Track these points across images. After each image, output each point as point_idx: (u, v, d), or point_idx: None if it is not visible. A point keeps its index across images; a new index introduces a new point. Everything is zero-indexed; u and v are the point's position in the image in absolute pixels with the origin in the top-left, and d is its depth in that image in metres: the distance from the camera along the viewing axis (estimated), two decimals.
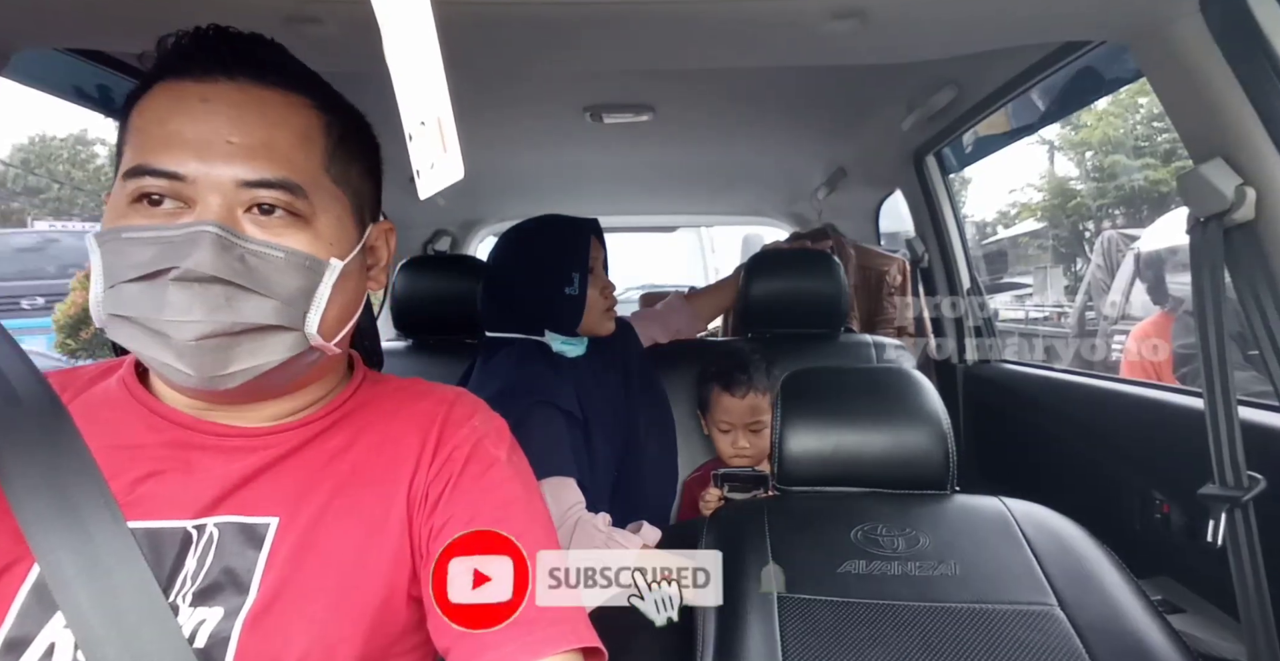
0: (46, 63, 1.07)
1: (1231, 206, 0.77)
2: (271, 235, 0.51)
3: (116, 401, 0.58)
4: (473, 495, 0.58)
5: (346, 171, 0.57)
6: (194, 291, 0.48)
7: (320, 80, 0.59)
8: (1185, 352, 1.99)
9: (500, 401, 1.13)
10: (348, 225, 0.57)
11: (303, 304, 0.52)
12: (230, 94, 0.52)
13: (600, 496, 1.17)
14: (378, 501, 0.56)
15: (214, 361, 0.50)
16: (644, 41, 0.95)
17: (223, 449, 0.56)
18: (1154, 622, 0.71)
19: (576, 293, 1.19)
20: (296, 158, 0.53)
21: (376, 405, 0.63)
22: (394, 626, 0.55)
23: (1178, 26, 0.80)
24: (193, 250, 0.48)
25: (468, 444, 0.60)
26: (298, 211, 0.52)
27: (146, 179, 0.50)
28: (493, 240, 2.95)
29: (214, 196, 0.50)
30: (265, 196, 0.51)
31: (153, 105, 0.52)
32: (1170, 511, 1.10)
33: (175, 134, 0.50)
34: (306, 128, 0.54)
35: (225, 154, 0.50)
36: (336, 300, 0.55)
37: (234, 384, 0.51)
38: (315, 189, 0.53)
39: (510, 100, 1.52)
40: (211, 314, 0.49)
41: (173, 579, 0.51)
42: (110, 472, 0.51)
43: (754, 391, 1.36)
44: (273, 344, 0.52)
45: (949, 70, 1.36)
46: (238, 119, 0.51)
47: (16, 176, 17.36)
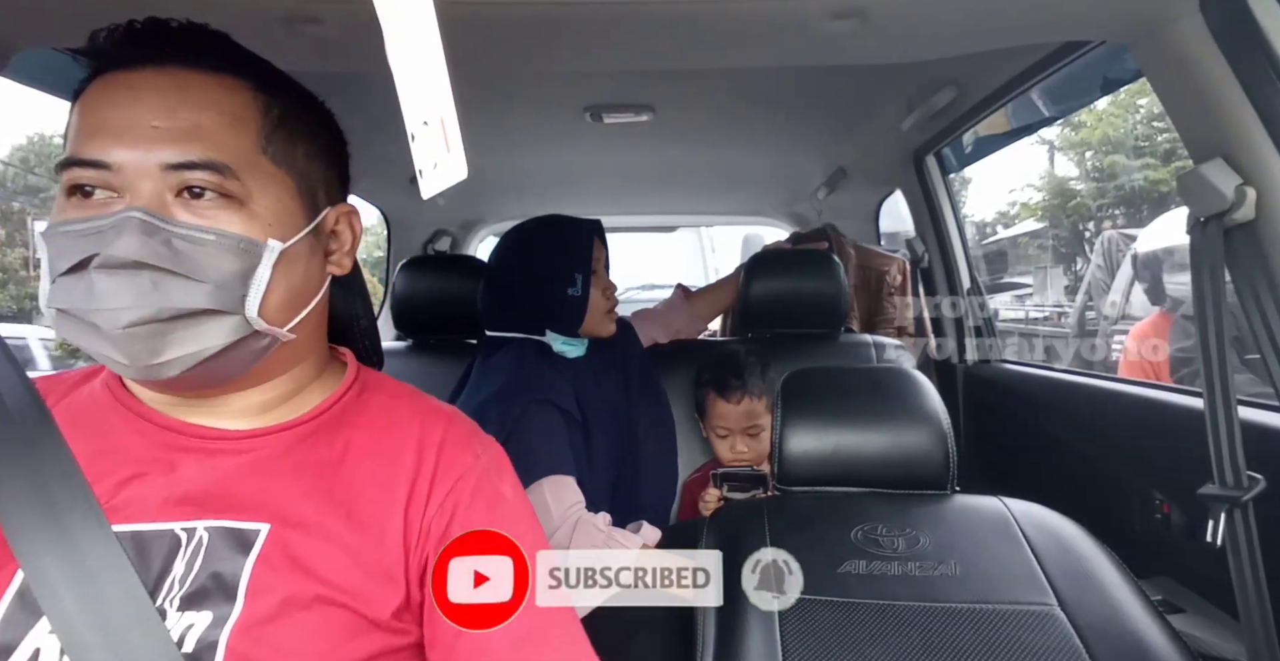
0: (46, 63, 1.07)
1: (1231, 206, 0.77)
2: (201, 218, 0.50)
3: (100, 405, 0.58)
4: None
5: (289, 152, 0.55)
6: (120, 278, 0.48)
7: (263, 64, 0.58)
8: (1183, 356, 1.99)
9: (499, 400, 1.14)
10: (291, 206, 0.55)
11: (239, 287, 0.51)
12: (156, 80, 0.51)
13: (600, 497, 1.17)
14: (370, 516, 0.56)
15: (147, 349, 0.49)
16: (644, 41, 0.95)
17: (206, 450, 0.55)
18: (1154, 622, 0.71)
19: (579, 293, 1.19)
20: (226, 139, 0.52)
21: (370, 415, 0.62)
22: (380, 641, 0.55)
23: (1178, 26, 0.80)
24: (116, 237, 0.48)
25: (472, 475, 0.60)
26: (229, 192, 0.51)
27: (75, 170, 0.50)
28: (493, 240, 2.95)
29: (142, 182, 0.49)
30: (193, 178, 0.50)
31: (85, 98, 0.52)
32: (1170, 511, 1.10)
33: (101, 123, 0.50)
34: (239, 108, 0.53)
35: (150, 138, 0.49)
36: (280, 283, 0.53)
37: (173, 372, 0.50)
38: (249, 169, 0.52)
39: (510, 100, 1.52)
40: (138, 299, 0.48)
41: (160, 582, 0.50)
42: (94, 476, 0.51)
43: (749, 396, 1.35)
44: (209, 329, 0.51)
45: (949, 70, 1.36)
46: (162, 104, 0.50)
47: (16, 175, 17.36)
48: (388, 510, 0.56)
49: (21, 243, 15.63)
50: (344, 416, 0.61)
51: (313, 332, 0.61)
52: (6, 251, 15.69)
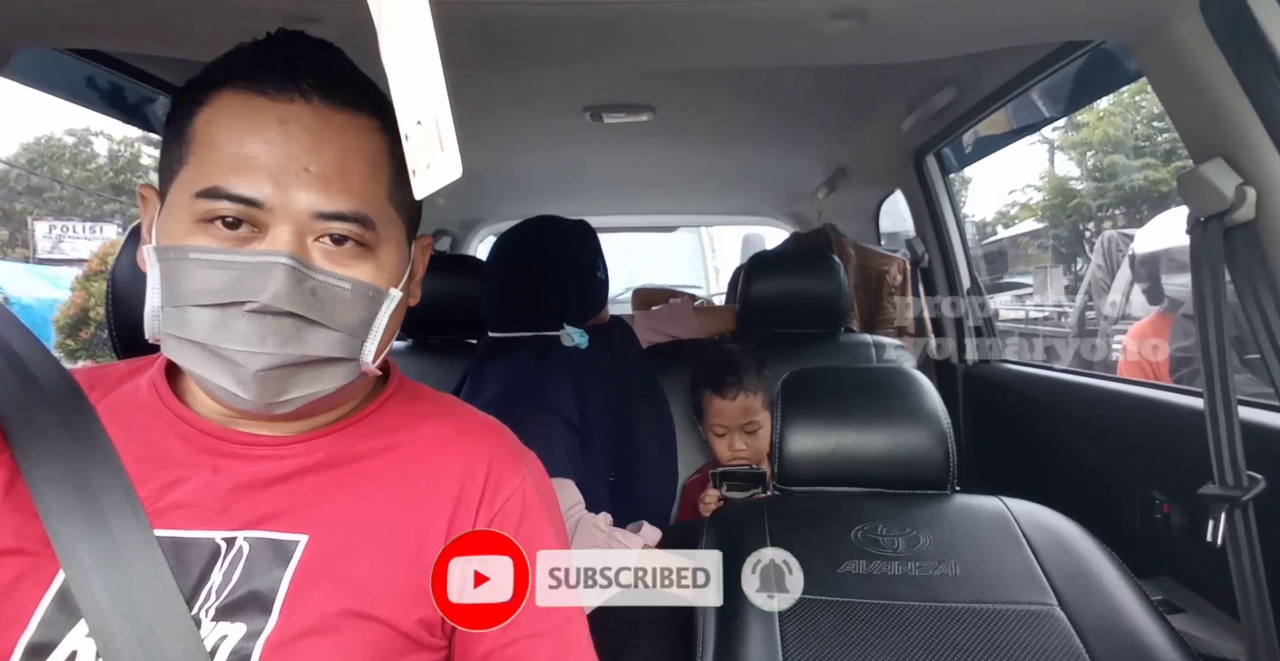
0: (46, 63, 1.07)
1: (1231, 206, 0.77)
2: (340, 267, 0.51)
3: (145, 405, 0.57)
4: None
5: (404, 196, 0.55)
6: (265, 323, 0.49)
7: (380, 94, 0.56)
8: (1182, 355, 1.99)
9: (500, 404, 1.14)
10: (402, 251, 0.56)
11: (362, 334, 0.53)
12: (305, 117, 0.51)
13: (600, 497, 1.17)
14: (412, 531, 0.55)
15: (274, 389, 0.50)
16: (644, 41, 0.95)
17: (251, 457, 0.55)
18: (1154, 622, 0.71)
19: (604, 276, 1.35)
20: (367, 187, 0.52)
21: (411, 424, 0.61)
22: (412, 656, 0.55)
23: (1178, 26, 0.80)
24: (267, 283, 0.48)
25: (519, 496, 0.60)
26: (366, 243, 0.52)
27: (223, 203, 0.49)
28: (492, 240, 2.95)
29: (287, 224, 0.49)
30: (338, 228, 0.51)
31: (223, 119, 0.50)
32: (1170, 511, 1.10)
33: (253, 158, 0.49)
34: (375, 153, 0.53)
35: (302, 183, 0.49)
36: (391, 327, 0.55)
37: (289, 409, 0.52)
38: (381, 219, 0.53)
39: (510, 100, 1.52)
40: (282, 347, 0.49)
41: (197, 591, 0.50)
42: (137, 478, 0.51)
43: (744, 392, 1.35)
44: (331, 373, 0.52)
45: (949, 70, 1.36)
46: (314, 146, 0.50)
47: (19, 176, 17.37)
48: (429, 525, 0.56)
49: (22, 243, 15.64)
50: (386, 423, 0.60)
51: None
52: (7, 251, 15.71)
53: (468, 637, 0.57)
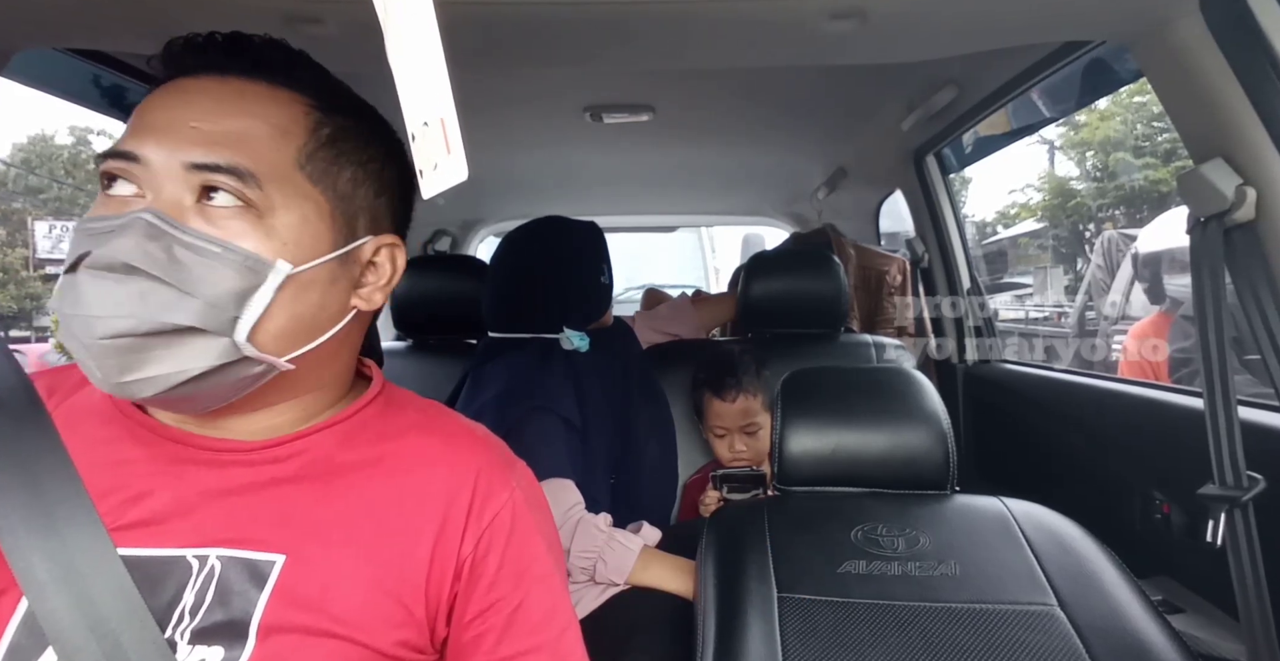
0: (46, 63, 1.07)
1: (1231, 206, 0.77)
2: (214, 228, 0.47)
3: (101, 411, 0.54)
4: (513, 603, 0.56)
5: (331, 173, 0.52)
6: (109, 283, 0.45)
7: (331, 84, 0.55)
8: (1182, 356, 1.99)
9: (497, 405, 1.14)
10: (318, 229, 0.51)
11: (232, 308, 0.47)
12: (211, 87, 0.50)
13: (600, 498, 1.17)
14: (395, 555, 0.53)
15: (119, 364, 0.45)
16: (644, 41, 0.95)
17: (218, 463, 0.52)
18: (1154, 622, 0.71)
19: (608, 281, 1.32)
20: (262, 148, 0.49)
21: (396, 436, 0.58)
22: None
23: (1178, 26, 0.80)
24: (115, 237, 0.45)
25: (508, 511, 0.57)
26: (249, 201, 0.48)
27: (109, 161, 0.48)
28: (493, 240, 2.94)
29: (166, 182, 0.47)
30: (213, 179, 0.47)
31: (144, 100, 0.51)
32: (1170, 511, 1.10)
33: (145, 120, 0.49)
34: (286, 122, 0.51)
35: (184, 138, 0.47)
36: (283, 309, 0.49)
37: (147, 392, 0.47)
38: (278, 181, 0.49)
39: (510, 100, 1.52)
40: (118, 308, 0.44)
41: (170, 611, 0.48)
42: (97, 492, 0.48)
43: (744, 394, 1.35)
44: (190, 350, 0.46)
45: (949, 70, 1.36)
46: (209, 107, 0.49)
47: (18, 176, 17.37)
48: (414, 541, 0.53)
49: (22, 242, 15.64)
50: (369, 433, 0.57)
51: (326, 363, 0.55)
52: (7, 251, 15.71)
53: (460, 655, 0.55)
